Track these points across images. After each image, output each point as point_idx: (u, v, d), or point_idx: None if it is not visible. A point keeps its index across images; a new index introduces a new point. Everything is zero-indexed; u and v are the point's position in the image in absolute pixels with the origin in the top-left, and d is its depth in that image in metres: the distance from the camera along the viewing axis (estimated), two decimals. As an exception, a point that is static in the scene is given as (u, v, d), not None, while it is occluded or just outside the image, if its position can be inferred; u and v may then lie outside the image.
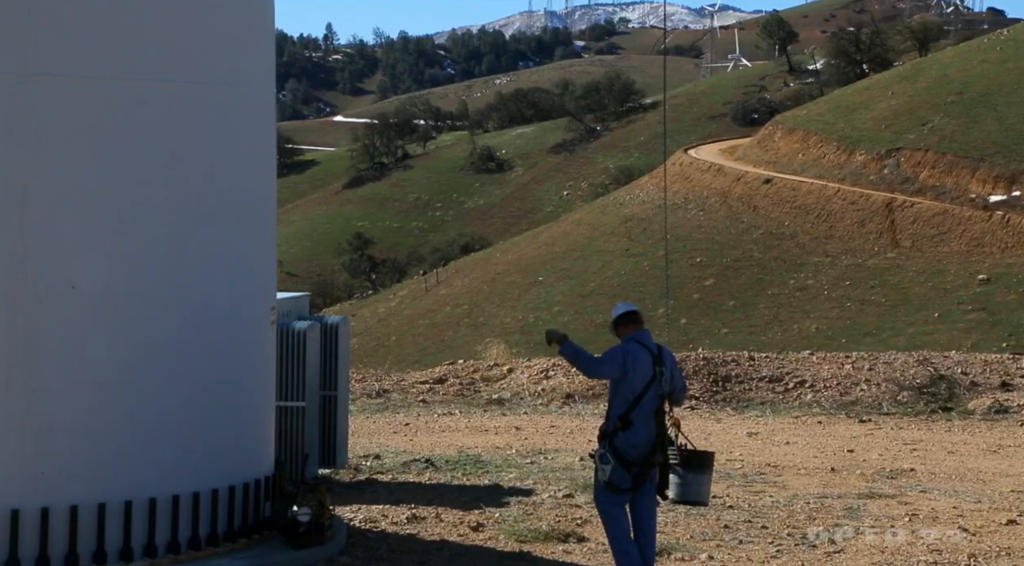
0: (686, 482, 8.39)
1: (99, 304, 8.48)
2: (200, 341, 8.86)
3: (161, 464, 8.60)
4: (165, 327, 8.71)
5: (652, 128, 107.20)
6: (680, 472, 8.36)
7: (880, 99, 63.30)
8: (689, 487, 8.43)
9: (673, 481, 8.41)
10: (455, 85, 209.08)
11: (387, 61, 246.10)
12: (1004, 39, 68.75)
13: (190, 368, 8.79)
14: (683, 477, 8.38)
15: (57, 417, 8.34)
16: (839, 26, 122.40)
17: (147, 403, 8.60)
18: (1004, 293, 43.36)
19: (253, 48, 9.63)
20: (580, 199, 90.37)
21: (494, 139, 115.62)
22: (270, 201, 10.09)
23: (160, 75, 8.79)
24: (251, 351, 9.38)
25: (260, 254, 9.76)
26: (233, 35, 9.38)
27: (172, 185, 8.89)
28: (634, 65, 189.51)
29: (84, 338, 8.42)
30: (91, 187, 8.52)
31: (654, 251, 56.26)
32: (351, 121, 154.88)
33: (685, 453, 8.46)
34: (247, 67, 9.55)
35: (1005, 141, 52.08)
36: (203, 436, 8.83)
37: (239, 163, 9.42)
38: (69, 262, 8.40)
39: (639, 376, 8.24)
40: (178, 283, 8.82)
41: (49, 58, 8.36)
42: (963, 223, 48.68)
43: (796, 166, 60.05)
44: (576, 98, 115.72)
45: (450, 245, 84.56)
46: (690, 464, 8.43)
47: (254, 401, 9.43)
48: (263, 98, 9.87)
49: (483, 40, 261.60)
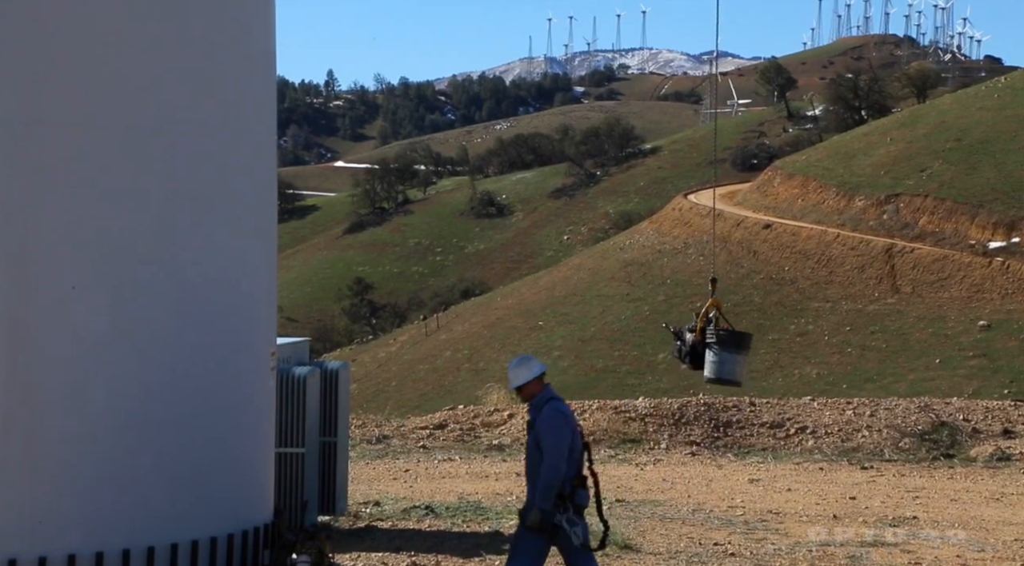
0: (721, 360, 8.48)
1: (99, 350, 8.47)
2: (200, 387, 8.84)
3: (159, 512, 8.55)
4: (165, 373, 8.69)
5: (652, 173, 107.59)
6: (716, 350, 8.43)
7: (879, 145, 63.56)
8: (723, 365, 8.54)
9: (708, 359, 8.46)
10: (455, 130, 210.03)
11: (388, 107, 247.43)
12: (1002, 86, 69.17)
13: (189, 414, 8.76)
14: (718, 355, 8.45)
15: (56, 464, 8.31)
16: (837, 73, 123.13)
17: (146, 450, 8.57)
18: (1005, 339, 43.29)
19: (254, 96, 9.69)
20: (580, 244, 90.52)
21: (494, 184, 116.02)
22: (270, 246, 10.11)
23: (161, 123, 8.84)
24: (251, 397, 9.36)
25: (260, 299, 9.76)
26: (234, 84, 9.44)
27: (172, 232, 8.90)
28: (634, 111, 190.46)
29: (84, 384, 8.40)
30: (92, 233, 8.54)
31: (654, 296, 56.27)
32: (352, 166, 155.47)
33: (721, 333, 8.52)
34: (248, 115, 9.60)
35: (1004, 187, 52.23)
36: (202, 483, 8.79)
37: (239, 210, 9.45)
38: (70, 307, 8.40)
39: (576, 434, 8.24)
40: (178, 329, 8.82)
41: (53, 106, 8.41)
42: (963, 269, 48.70)
43: (796, 211, 60.18)
44: (576, 143, 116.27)
45: (450, 290, 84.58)
46: (725, 343, 8.50)
47: (253, 448, 9.39)
48: (264, 145, 9.91)
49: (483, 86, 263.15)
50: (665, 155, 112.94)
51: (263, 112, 9.92)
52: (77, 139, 8.50)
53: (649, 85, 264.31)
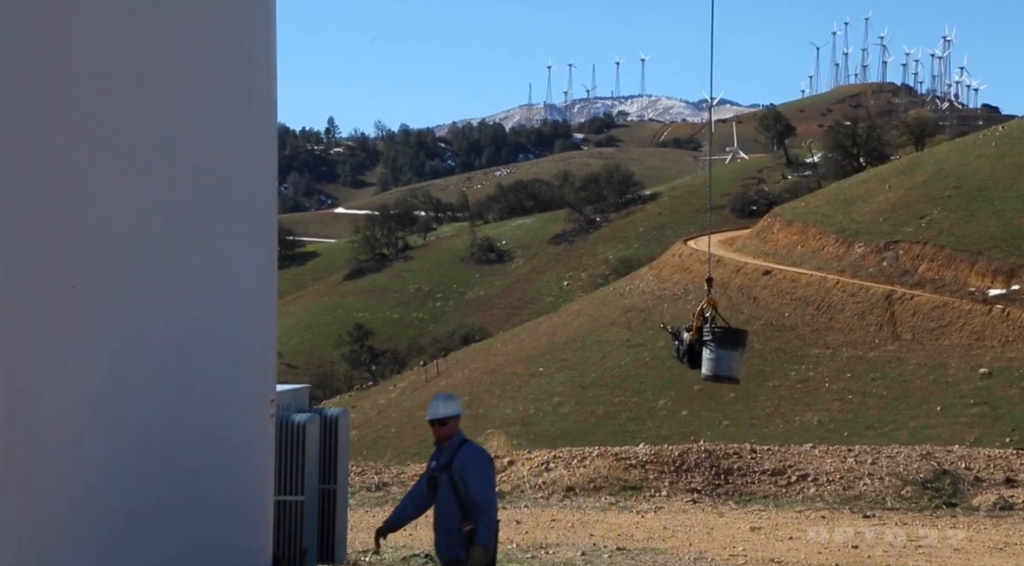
0: (717, 357, 8.66)
1: (98, 399, 8.44)
2: (199, 435, 8.80)
3: (157, 561, 8.48)
4: (164, 420, 8.66)
5: (652, 219, 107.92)
6: (712, 348, 8.61)
7: (878, 192, 63.80)
8: (720, 363, 8.74)
9: (706, 357, 8.65)
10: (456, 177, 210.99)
11: (388, 153, 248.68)
12: (999, 135, 69.56)
13: (188, 462, 8.72)
14: (715, 353, 8.63)
15: (53, 514, 8.25)
16: (835, 120, 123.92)
17: (144, 498, 8.51)
18: (1006, 387, 43.19)
19: (255, 142, 9.73)
20: (580, 290, 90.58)
21: (494, 230, 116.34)
22: (270, 293, 10.10)
23: (162, 171, 8.87)
24: (250, 444, 9.31)
25: (260, 346, 9.74)
26: (234, 131, 9.48)
27: (172, 279, 8.90)
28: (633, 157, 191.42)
29: (82, 434, 8.36)
30: (91, 281, 8.54)
31: (654, 342, 56.19)
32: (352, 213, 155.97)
33: (717, 331, 8.69)
34: (248, 163, 9.63)
35: (1003, 235, 52.34)
36: (200, 532, 8.72)
37: (239, 257, 9.45)
38: (68, 356, 8.38)
39: None
40: (177, 377, 8.79)
41: (53, 154, 8.43)
42: (963, 316, 48.69)
43: (795, 258, 60.28)
44: (576, 189, 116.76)
45: (450, 336, 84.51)
46: (721, 341, 8.69)
47: (252, 495, 9.33)
48: (264, 192, 9.94)
49: (483, 132, 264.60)
50: (665, 201, 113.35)
51: (263, 159, 9.96)
52: (77, 187, 8.53)
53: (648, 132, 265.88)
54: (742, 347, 9.07)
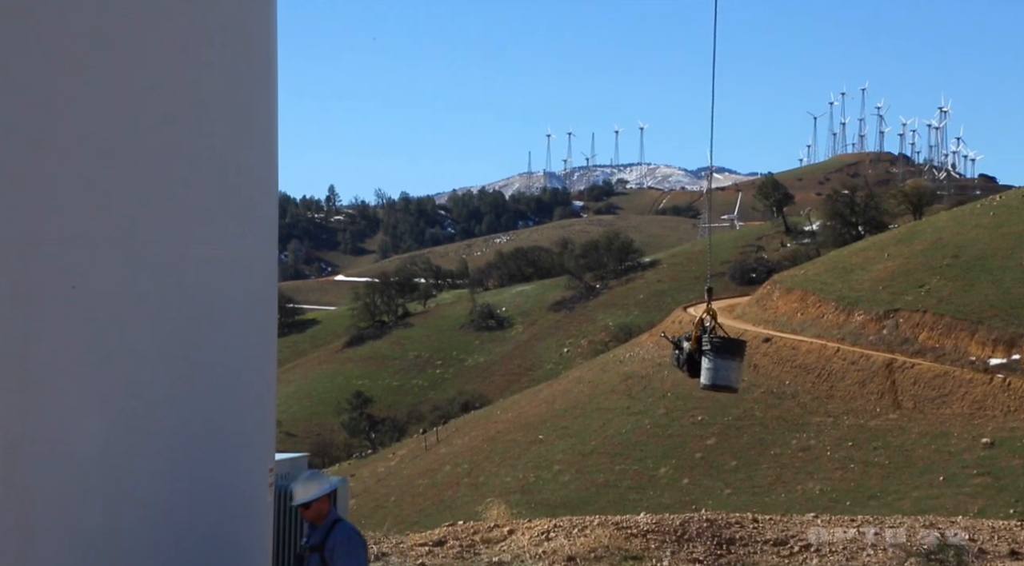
0: (716, 367, 8.76)
1: (96, 469, 8.39)
2: (197, 505, 8.73)
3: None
4: (162, 491, 8.59)
5: (651, 286, 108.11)
6: (711, 357, 8.71)
7: (877, 260, 63.98)
8: (718, 372, 8.85)
9: (704, 367, 8.76)
10: (455, 244, 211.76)
11: (388, 221, 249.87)
12: (997, 205, 69.95)
13: (187, 533, 8.64)
14: (713, 362, 8.74)
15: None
16: (834, 189, 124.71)
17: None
18: (1009, 458, 42.93)
19: (255, 212, 9.77)
20: (580, 357, 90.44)
21: (494, 297, 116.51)
22: (270, 361, 10.09)
23: (161, 238, 8.88)
24: (248, 514, 9.23)
25: (259, 415, 9.70)
26: (235, 200, 9.52)
27: (171, 347, 8.89)
28: (632, 224, 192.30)
29: (81, 503, 8.29)
30: (90, 350, 8.52)
31: (655, 409, 56.02)
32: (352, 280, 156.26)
33: (716, 340, 8.78)
34: (249, 231, 9.66)
35: (1002, 304, 52.38)
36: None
37: (239, 325, 9.45)
38: (67, 425, 8.34)
39: None
40: (175, 446, 8.74)
41: (53, 224, 8.45)
42: (964, 385, 48.57)
43: (795, 325, 60.27)
44: (575, 256, 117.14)
45: (450, 403, 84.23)
46: (719, 350, 8.79)
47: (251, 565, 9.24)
48: (264, 260, 9.96)
49: (483, 200, 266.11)
50: (664, 268, 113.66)
51: (264, 228, 9.99)
52: (78, 258, 8.54)
53: (647, 199, 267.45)
54: (740, 357, 9.26)
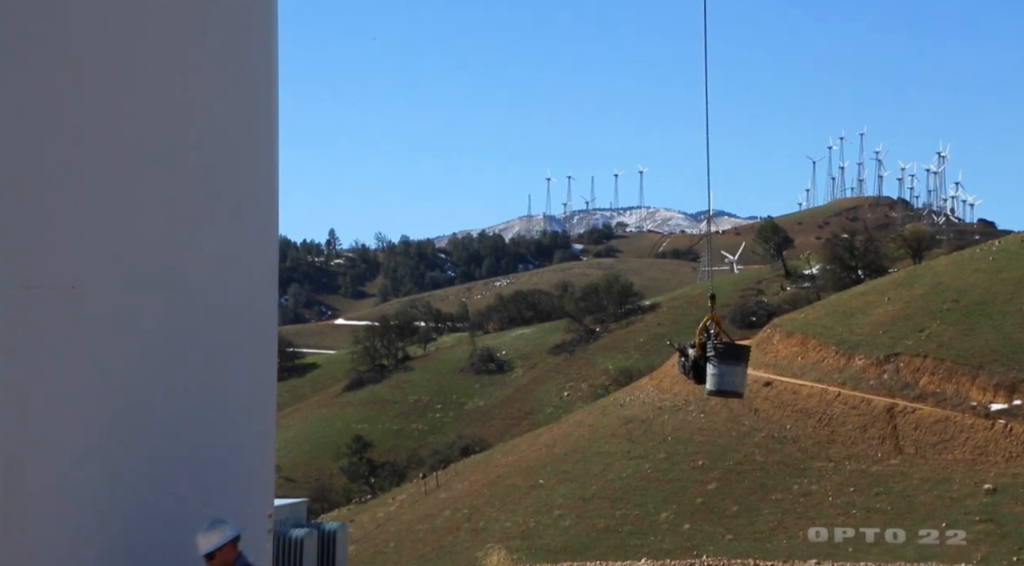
0: (720, 373, 8.98)
1: (94, 514, 8.35)
2: (197, 550, 8.67)
3: None
4: (160, 535, 8.55)
5: (651, 329, 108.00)
6: (715, 363, 8.92)
7: (877, 305, 63.97)
8: (723, 378, 9.07)
9: (709, 373, 8.96)
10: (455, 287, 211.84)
11: (388, 264, 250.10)
12: (996, 250, 70.02)
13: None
14: (717, 368, 8.95)
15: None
16: (833, 233, 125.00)
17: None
18: (1011, 504, 42.68)
19: (256, 257, 9.79)
20: (580, 400, 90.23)
21: (494, 340, 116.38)
22: (269, 406, 10.07)
23: (161, 283, 8.89)
24: (247, 561, 9.17)
25: (258, 461, 9.67)
26: (236, 245, 9.54)
27: (170, 391, 8.88)
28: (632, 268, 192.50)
29: (78, 547, 8.24)
30: (89, 394, 8.51)
31: (655, 453, 55.80)
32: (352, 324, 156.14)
33: (720, 347, 8.98)
34: (249, 275, 9.68)
35: (1003, 349, 52.29)
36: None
37: (238, 369, 9.45)
38: (65, 468, 8.31)
39: None
40: (174, 490, 8.71)
41: (51, 271, 8.45)
42: (966, 431, 48.39)
43: (795, 369, 60.16)
44: (575, 300, 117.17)
45: (450, 447, 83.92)
46: (724, 357, 9.01)
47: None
48: (264, 304, 9.97)
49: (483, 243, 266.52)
50: (664, 311, 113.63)
51: (264, 273, 10.01)
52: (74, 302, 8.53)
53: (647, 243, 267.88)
54: (745, 362, 9.43)
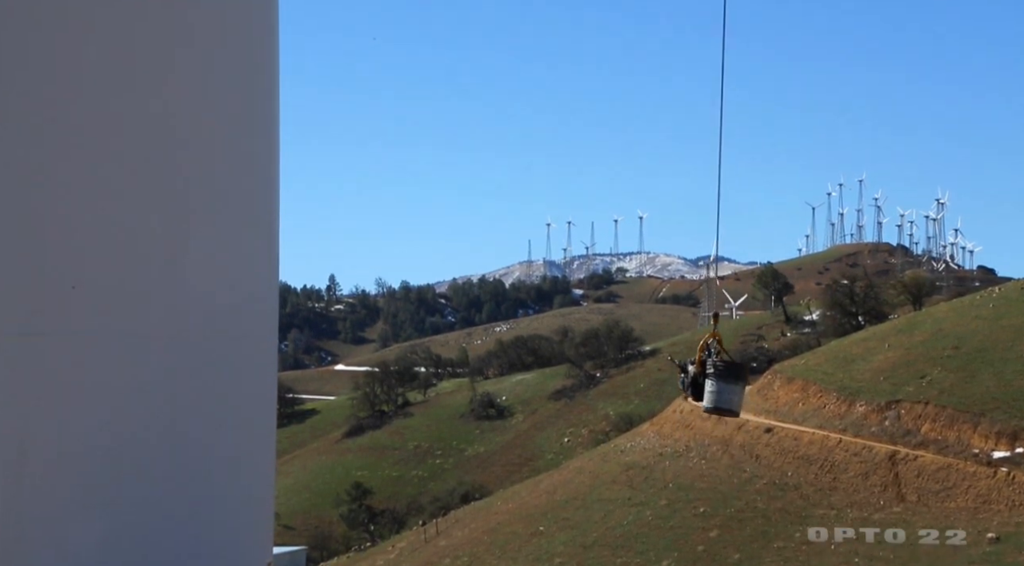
0: (718, 390, 9.11)
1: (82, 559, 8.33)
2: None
3: None
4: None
5: (652, 375, 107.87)
6: (714, 381, 9.01)
7: (877, 351, 63.94)
8: (720, 395, 9.21)
9: (707, 390, 9.06)
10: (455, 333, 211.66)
11: (388, 310, 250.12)
12: (996, 297, 70.08)
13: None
14: (715, 385, 9.06)
15: None
16: (833, 279, 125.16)
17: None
18: (1015, 553, 42.41)
19: (256, 302, 9.83)
20: (581, 446, 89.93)
21: (494, 386, 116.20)
22: (268, 453, 10.06)
23: (160, 328, 8.93)
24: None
25: (256, 508, 9.65)
26: (236, 290, 9.58)
27: (169, 439, 8.89)
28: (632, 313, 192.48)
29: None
30: (85, 448, 8.51)
31: (656, 500, 55.54)
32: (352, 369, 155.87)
33: (719, 364, 9.07)
34: (249, 321, 9.71)
35: (1004, 397, 52.20)
36: None
37: (238, 415, 9.46)
38: (65, 521, 8.31)
39: None
40: (168, 540, 8.69)
41: (51, 317, 8.50)
42: (968, 478, 48.19)
43: (797, 415, 60.04)
44: (576, 345, 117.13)
45: (450, 494, 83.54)
46: (722, 374, 9.10)
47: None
48: (264, 351, 9.98)
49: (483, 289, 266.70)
50: (664, 357, 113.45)
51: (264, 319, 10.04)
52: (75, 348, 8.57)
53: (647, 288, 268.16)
54: (743, 381, 9.62)
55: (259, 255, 10.18)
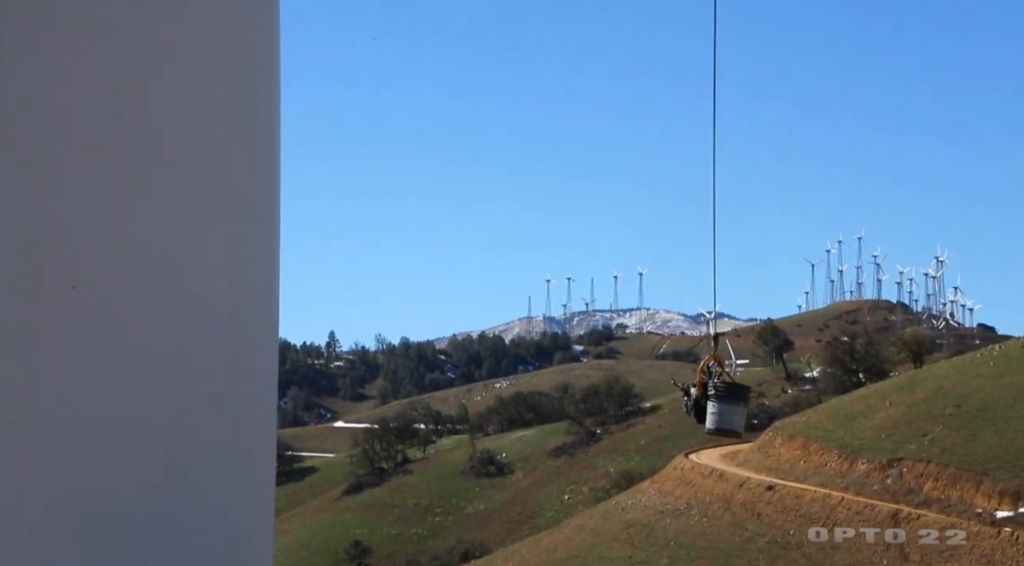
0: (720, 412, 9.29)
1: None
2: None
3: None
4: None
5: (652, 431, 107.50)
6: (715, 402, 9.18)
7: (878, 408, 63.89)
8: (722, 417, 9.38)
9: (709, 412, 9.22)
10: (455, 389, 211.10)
11: (388, 366, 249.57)
12: (997, 355, 70.16)
13: None
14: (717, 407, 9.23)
15: None
16: (833, 336, 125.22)
17: None
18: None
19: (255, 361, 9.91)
20: (581, 503, 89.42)
21: (494, 442, 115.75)
22: (267, 512, 10.10)
23: (159, 392, 9.00)
24: None
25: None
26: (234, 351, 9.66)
27: (167, 498, 8.93)
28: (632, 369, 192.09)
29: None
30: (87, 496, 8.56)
31: (658, 559, 55.21)
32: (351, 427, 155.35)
33: (720, 386, 9.24)
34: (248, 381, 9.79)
35: (1007, 456, 52.09)
36: None
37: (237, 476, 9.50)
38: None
39: None
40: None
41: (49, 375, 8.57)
42: (972, 538, 47.94)
43: (798, 473, 59.84)
44: (576, 401, 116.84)
45: (450, 552, 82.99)
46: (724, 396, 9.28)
47: None
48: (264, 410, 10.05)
49: (483, 345, 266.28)
50: (665, 414, 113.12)
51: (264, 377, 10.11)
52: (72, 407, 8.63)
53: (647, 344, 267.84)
54: (744, 402, 9.82)
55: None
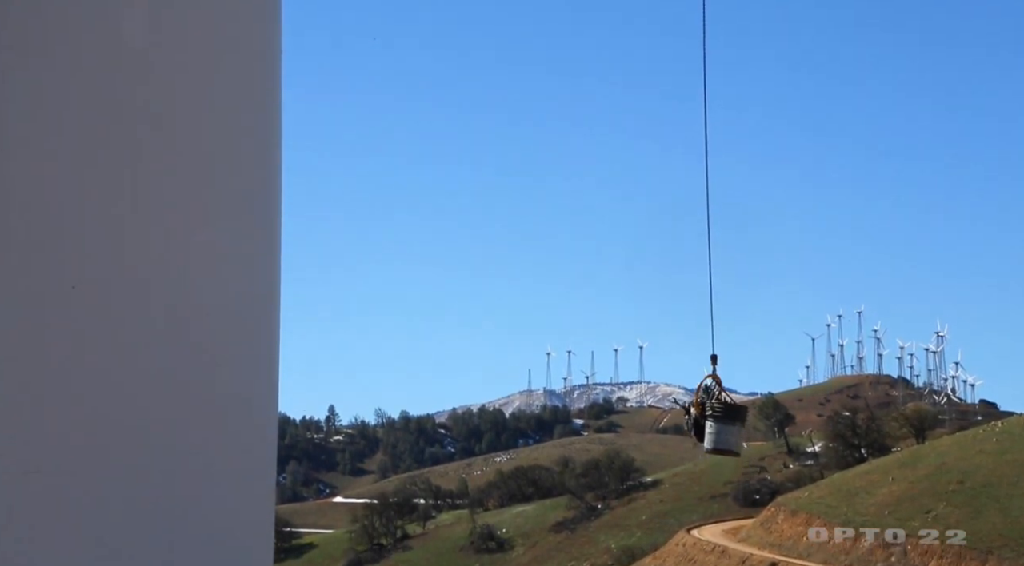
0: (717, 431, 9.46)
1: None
2: None
3: None
4: None
5: (654, 506, 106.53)
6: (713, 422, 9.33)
7: (881, 484, 63.37)
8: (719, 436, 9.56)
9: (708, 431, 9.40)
10: (455, 463, 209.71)
11: (388, 440, 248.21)
12: (999, 431, 69.87)
13: None
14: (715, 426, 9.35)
15: None
16: (834, 410, 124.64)
17: None
18: None
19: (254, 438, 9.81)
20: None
21: (494, 517, 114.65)
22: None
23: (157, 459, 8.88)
24: None
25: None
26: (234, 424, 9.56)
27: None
28: (633, 443, 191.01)
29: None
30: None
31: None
32: (350, 502, 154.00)
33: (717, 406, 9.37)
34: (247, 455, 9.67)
35: (1011, 533, 51.54)
36: None
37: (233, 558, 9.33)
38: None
39: None
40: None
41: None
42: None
43: (801, 549, 59.15)
44: (576, 475, 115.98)
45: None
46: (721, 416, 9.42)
47: None
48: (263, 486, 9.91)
49: (483, 418, 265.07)
50: (666, 488, 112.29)
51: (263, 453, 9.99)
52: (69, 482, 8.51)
53: (648, 418, 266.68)
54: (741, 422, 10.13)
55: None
